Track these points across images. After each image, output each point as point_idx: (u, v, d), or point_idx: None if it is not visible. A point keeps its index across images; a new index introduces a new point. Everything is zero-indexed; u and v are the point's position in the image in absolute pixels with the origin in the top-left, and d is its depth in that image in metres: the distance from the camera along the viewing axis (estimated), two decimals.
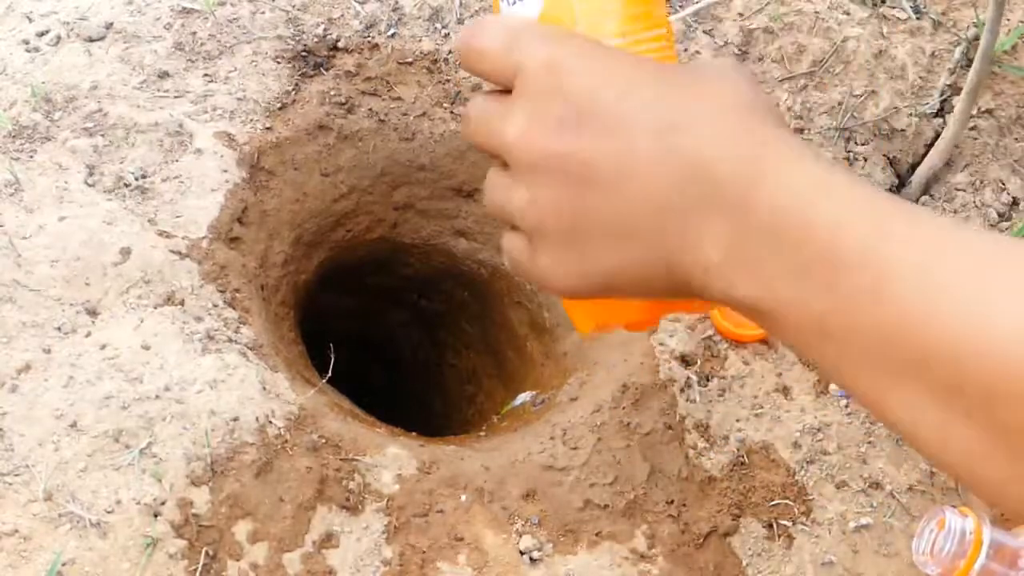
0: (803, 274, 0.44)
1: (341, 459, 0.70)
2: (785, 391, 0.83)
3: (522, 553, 0.72)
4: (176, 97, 0.91)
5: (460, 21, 1.00)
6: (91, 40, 0.94)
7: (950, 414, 0.39)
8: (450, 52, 0.98)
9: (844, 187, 0.46)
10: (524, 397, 1.02)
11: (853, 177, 0.46)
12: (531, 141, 0.48)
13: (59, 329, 0.74)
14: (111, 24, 0.95)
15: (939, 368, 0.39)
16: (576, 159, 0.47)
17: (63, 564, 0.63)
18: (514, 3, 0.58)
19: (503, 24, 0.56)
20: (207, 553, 0.65)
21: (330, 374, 0.75)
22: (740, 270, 0.45)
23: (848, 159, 0.95)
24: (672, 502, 0.76)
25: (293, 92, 0.94)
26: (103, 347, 0.74)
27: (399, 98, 0.96)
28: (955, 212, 0.90)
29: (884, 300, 0.41)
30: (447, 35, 0.99)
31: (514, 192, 0.50)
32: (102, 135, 0.87)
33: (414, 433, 0.83)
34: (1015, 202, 0.92)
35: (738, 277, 0.45)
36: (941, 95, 0.98)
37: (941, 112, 0.98)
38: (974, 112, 0.92)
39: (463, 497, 0.73)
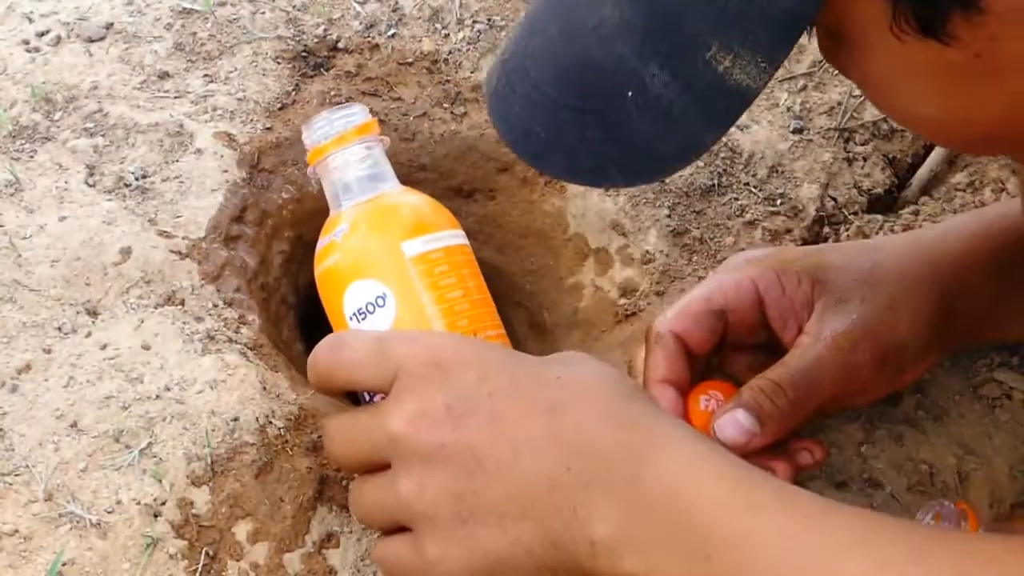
0: (684, 554, 0.45)
1: None
2: None
3: None
4: (176, 97, 0.91)
5: (460, 21, 1.00)
6: (91, 40, 0.94)
7: None
8: (450, 53, 0.99)
9: (720, 469, 0.48)
10: None
11: (728, 456, 0.48)
12: (419, 431, 0.50)
13: (59, 329, 0.74)
14: (111, 24, 0.96)
15: None
16: (464, 447, 0.48)
17: (63, 564, 0.63)
18: (364, 320, 0.59)
19: (366, 335, 0.58)
20: (207, 553, 0.65)
21: None
22: (627, 546, 0.46)
23: (848, 159, 0.95)
24: None
25: (293, 92, 0.94)
26: (103, 347, 0.74)
27: (399, 98, 0.96)
28: (955, 212, 0.91)
29: None
30: (447, 35, 0.99)
31: (399, 486, 0.51)
32: (102, 135, 0.87)
33: None
34: None
35: (625, 552, 0.46)
36: None
37: None
38: None
39: None
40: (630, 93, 0.44)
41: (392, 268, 0.57)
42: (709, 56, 0.43)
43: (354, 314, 0.58)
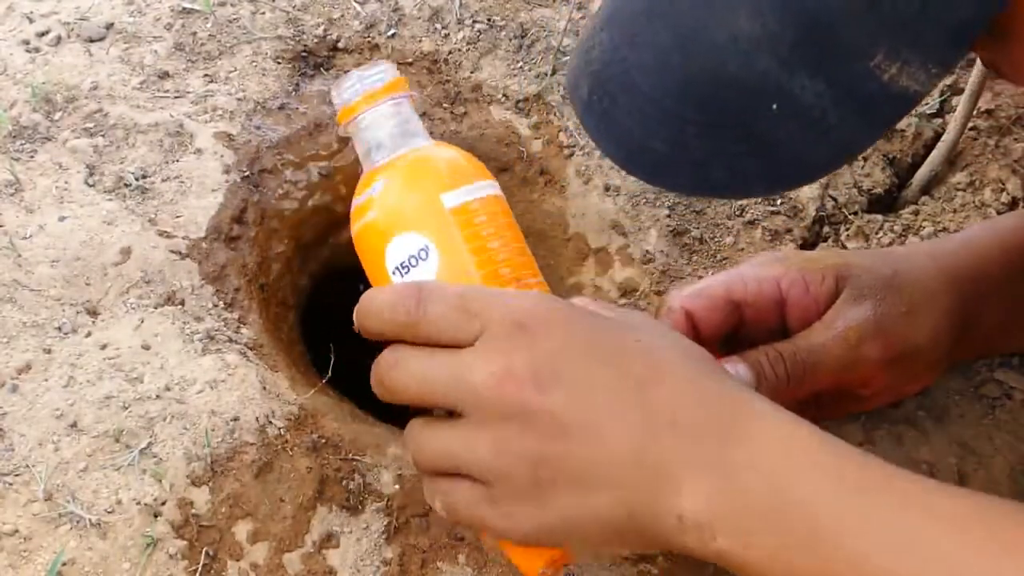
0: (784, 534, 0.44)
1: (341, 459, 0.70)
2: None
3: None
4: (176, 97, 0.91)
5: (460, 21, 1.00)
6: (91, 40, 0.94)
7: None
8: (450, 53, 0.98)
9: (816, 448, 0.47)
10: None
11: (820, 434, 0.47)
12: (502, 390, 0.48)
13: (59, 329, 0.74)
14: (111, 24, 0.96)
15: None
16: (548, 412, 0.48)
17: (63, 564, 0.63)
18: (407, 273, 0.58)
19: (445, 290, 0.56)
20: (207, 553, 0.65)
21: (330, 374, 0.75)
22: (720, 523, 0.45)
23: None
24: None
25: (293, 92, 0.94)
26: (103, 347, 0.74)
27: None
28: (955, 212, 0.91)
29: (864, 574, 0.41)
30: (447, 35, 0.99)
31: (476, 441, 0.50)
32: (102, 135, 0.87)
33: None
34: (1014, 202, 0.92)
35: (718, 530, 0.45)
36: (941, 95, 0.98)
37: (941, 112, 0.99)
38: (973, 112, 0.93)
39: None
40: (775, 105, 0.42)
41: (433, 220, 0.57)
42: (873, 65, 0.41)
43: (397, 268, 0.57)
